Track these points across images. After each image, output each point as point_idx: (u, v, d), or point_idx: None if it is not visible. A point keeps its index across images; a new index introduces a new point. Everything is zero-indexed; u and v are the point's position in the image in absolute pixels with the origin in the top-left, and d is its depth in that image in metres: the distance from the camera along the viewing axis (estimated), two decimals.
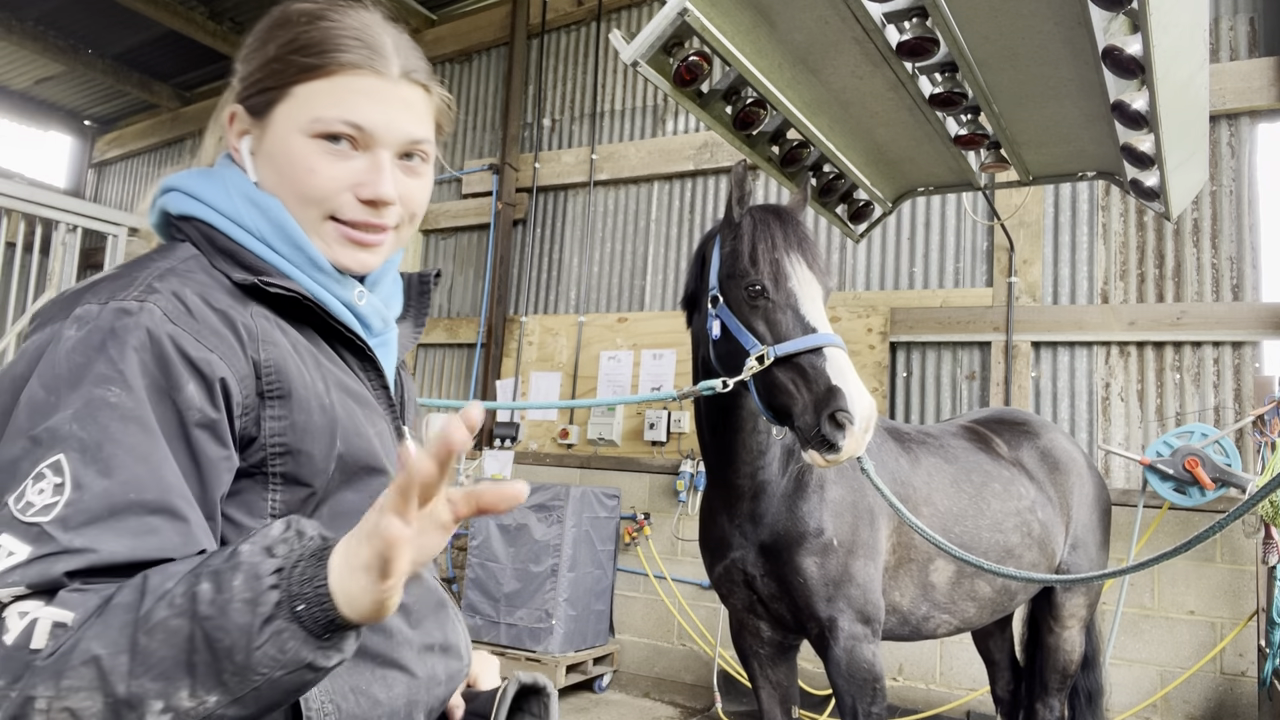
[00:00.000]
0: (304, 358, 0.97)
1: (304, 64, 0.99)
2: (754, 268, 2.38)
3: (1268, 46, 4.84)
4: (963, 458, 3.13)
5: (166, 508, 0.81)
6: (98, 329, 0.85)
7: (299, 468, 0.94)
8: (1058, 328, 5.09)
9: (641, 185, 6.73)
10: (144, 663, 0.70)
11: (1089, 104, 2.68)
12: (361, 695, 0.93)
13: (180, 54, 9.04)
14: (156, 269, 0.93)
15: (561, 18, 7.21)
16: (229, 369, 0.89)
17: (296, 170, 0.98)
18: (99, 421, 0.81)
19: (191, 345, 0.87)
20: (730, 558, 2.67)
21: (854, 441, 2.16)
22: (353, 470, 0.98)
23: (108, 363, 0.84)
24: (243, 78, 1.04)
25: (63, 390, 0.82)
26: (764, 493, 2.60)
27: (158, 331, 0.86)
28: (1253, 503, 1.81)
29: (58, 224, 5.16)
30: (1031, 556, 3.13)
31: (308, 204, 1.00)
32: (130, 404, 0.83)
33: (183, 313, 0.89)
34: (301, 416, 0.94)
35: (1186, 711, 4.51)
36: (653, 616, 5.93)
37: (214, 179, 1.03)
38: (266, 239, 1.00)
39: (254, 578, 0.72)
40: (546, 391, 6.69)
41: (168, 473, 0.83)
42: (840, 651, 2.55)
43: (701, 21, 2.22)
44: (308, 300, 0.99)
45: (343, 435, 0.97)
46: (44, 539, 0.76)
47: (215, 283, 0.95)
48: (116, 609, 0.73)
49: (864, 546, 2.64)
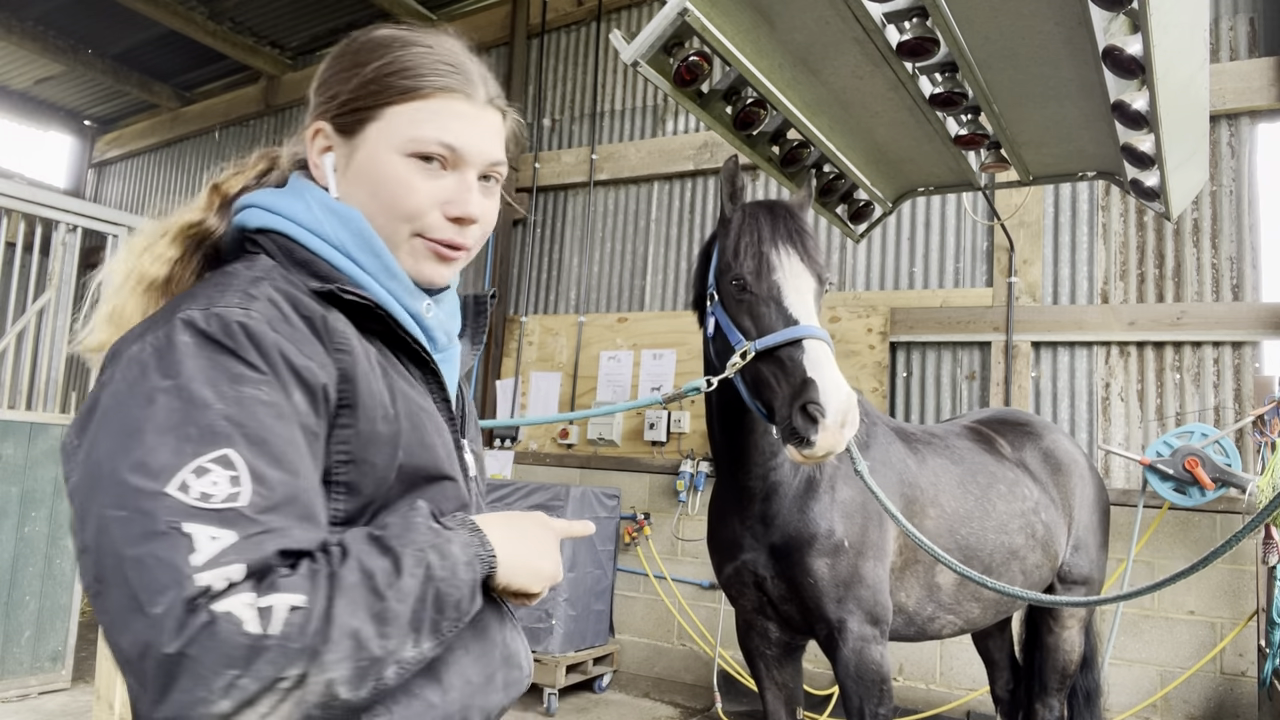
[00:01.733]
0: (373, 367, 1.00)
1: (401, 86, 1.04)
2: (736, 261, 2.35)
3: (1268, 46, 4.84)
4: (968, 458, 3.12)
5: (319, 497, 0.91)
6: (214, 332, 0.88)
7: (361, 476, 0.96)
8: (1058, 328, 5.09)
9: (641, 185, 6.73)
10: (393, 625, 0.84)
11: (1089, 104, 2.68)
12: (415, 699, 0.94)
13: (180, 54, 9.04)
14: (245, 278, 0.96)
15: (561, 18, 7.21)
16: (328, 379, 0.94)
17: (392, 187, 1.03)
18: (258, 417, 0.86)
19: (294, 353, 0.91)
20: (741, 559, 2.64)
21: (828, 436, 2.09)
22: (414, 479, 1.01)
23: (242, 364, 0.88)
24: (330, 97, 1.08)
25: (200, 389, 0.85)
26: (775, 494, 2.58)
27: (269, 338, 0.90)
28: (1258, 522, 1.81)
29: (58, 224, 5.15)
30: (1036, 558, 3.13)
31: (399, 219, 1.04)
32: (280, 400, 0.88)
33: (281, 319, 0.93)
34: (366, 426, 0.96)
35: (1186, 711, 4.51)
36: (653, 616, 5.93)
37: (292, 194, 1.08)
38: (346, 248, 1.04)
39: (465, 545, 0.94)
40: (546, 392, 6.69)
41: (311, 466, 0.91)
42: (849, 653, 2.54)
43: (701, 21, 2.22)
44: (379, 310, 1.02)
45: (405, 446, 1.00)
46: (243, 522, 0.81)
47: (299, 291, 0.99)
48: (351, 586, 0.83)
49: (873, 547, 2.62)
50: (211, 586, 0.77)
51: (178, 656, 0.75)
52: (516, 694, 1.10)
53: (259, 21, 8.46)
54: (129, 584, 0.78)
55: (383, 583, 0.85)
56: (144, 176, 10.53)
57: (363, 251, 1.04)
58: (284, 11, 8.25)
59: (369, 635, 0.82)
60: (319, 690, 0.79)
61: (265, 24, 8.51)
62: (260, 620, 0.77)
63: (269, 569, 0.81)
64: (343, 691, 0.81)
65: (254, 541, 0.80)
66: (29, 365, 5.05)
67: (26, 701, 4.76)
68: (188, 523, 0.79)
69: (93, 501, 0.82)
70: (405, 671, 0.87)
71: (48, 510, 4.94)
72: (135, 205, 10.41)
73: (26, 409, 4.99)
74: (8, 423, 4.81)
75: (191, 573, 0.77)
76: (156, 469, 0.81)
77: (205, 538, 0.79)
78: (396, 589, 0.85)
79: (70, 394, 5.24)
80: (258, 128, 9.37)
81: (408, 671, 0.88)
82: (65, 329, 5.20)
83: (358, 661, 0.82)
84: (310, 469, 0.90)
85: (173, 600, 0.76)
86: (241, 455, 0.83)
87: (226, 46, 8.30)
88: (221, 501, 0.81)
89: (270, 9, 8.21)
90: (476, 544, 0.95)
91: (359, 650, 0.81)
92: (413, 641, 0.86)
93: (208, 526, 0.79)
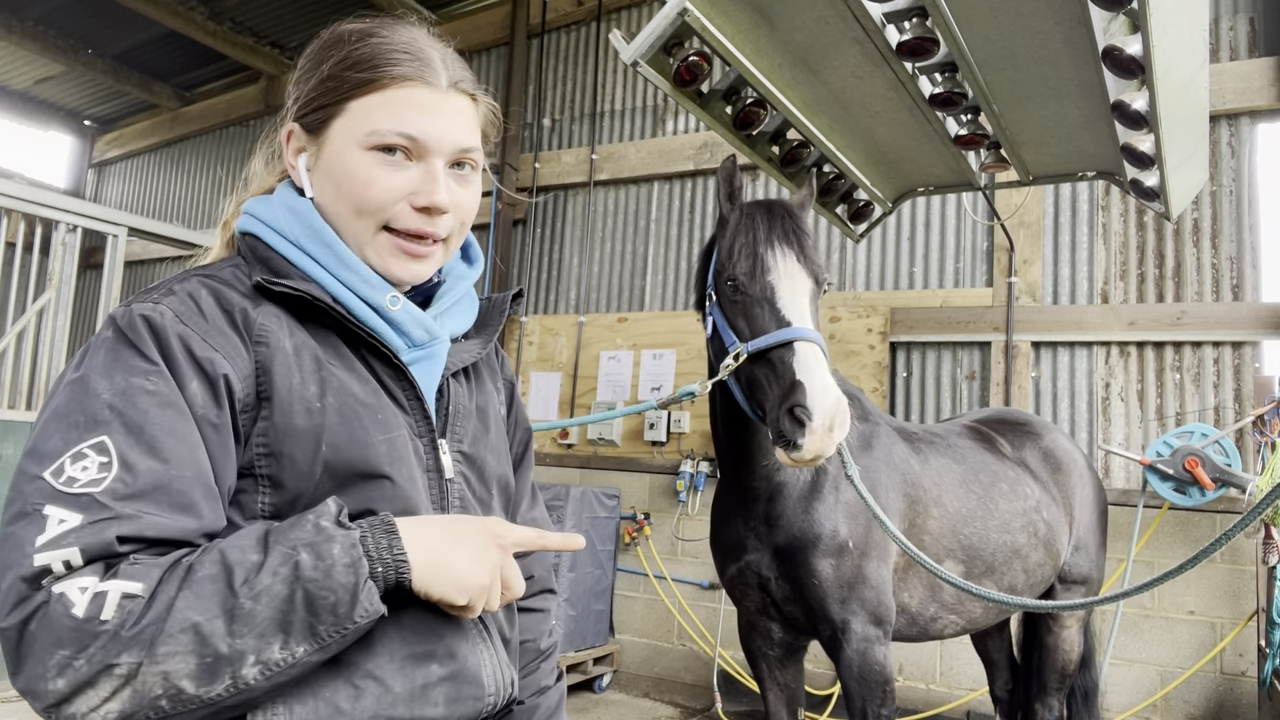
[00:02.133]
0: (303, 360, 0.98)
1: (357, 79, 1.03)
2: (730, 262, 2.34)
3: (1268, 46, 4.84)
4: (970, 458, 3.11)
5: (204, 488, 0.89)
6: (122, 328, 0.92)
7: (281, 470, 0.96)
8: (1058, 328, 5.09)
9: (641, 185, 6.73)
10: (245, 623, 0.82)
11: (1089, 104, 2.68)
12: (322, 701, 0.91)
13: (180, 54, 9.04)
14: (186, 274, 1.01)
15: (561, 18, 7.21)
16: (231, 367, 0.94)
17: (354, 182, 1.02)
18: (139, 406, 0.88)
19: (198, 344, 0.93)
20: (745, 560, 2.63)
21: (815, 440, 2.06)
22: (345, 476, 0.98)
23: (138, 355, 0.91)
24: (297, 98, 1.09)
25: (96, 379, 0.89)
26: (779, 495, 2.56)
27: (172, 331, 0.92)
28: (1253, 516, 1.80)
29: (58, 224, 5.15)
30: (1038, 556, 3.12)
31: (364, 215, 1.03)
32: (166, 390, 0.90)
33: (193, 312, 0.95)
34: (282, 419, 0.96)
35: (1186, 711, 4.51)
36: (653, 616, 5.93)
37: (271, 198, 1.10)
38: (300, 241, 1.04)
39: (350, 545, 0.87)
40: (547, 392, 6.69)
41: (201, 456, 0.90)
42: (853, 654, 2.53)
43: (701, 21, 2.22)
44: (318, 301, 1.00)
45: (330, 441, 0.97)
46: (94, 507, 0.83)
47: (237, 284, 1.01)
48: (204, 580, 0.82)
49: (876, 548, 2.61)
50: (50, 567, 0.80)
51: (17, 631, 0.80)
52: (469, 713, 1.02)
53: (259, 21, 8.45)
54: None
55: (239, 579, 0.83)
56: (144, 176, 10.53)
57: (314, 243, 1.04)
58: (284, 11, 8.25)
59: (214, 631, 0.81)
60: (156, 681, 0.79)
61: (265, 24, 8.51)
62: (90, 605, 0.79)
63: (116, 556, 0.82)
64: (188, 686, 0.80)
65: (96, 527, 0.82)
66: (29, 365, 5.05)
67: (27, 701, 4.75)
68: (48, 505, 0.82)
69: None
70: (275, 673, 0.84)
71: None
72: (135, 205, 10.41)
73: (27, 409, 4.99)
74: (8, 423, 4.81)
75: (32, 552, 0.80)
76: (43, 454, 0.85)
77: (55, 520, 0.82)
78: (250, 585, 0.82)
79: None
80: (258, 128, 9.36)
81: (280, 673, 0.84)
82: (65, 329, 5.20)
83: (202, 657, 0.80)
84: (194, 459, 0.89)
85: (13, 577, 0.80)
86: (115, 442, 0.85)
87: (226, 46, 8.30)
88: (82, 486, 0.83)
89: (270, 9, 8.20)
90: (379, 546, 0.90)
91: (201, 645, 0.80)
92: (280, 643, 0.83)
93: (61, 509, 0.82)
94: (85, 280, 8.60)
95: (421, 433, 1.07)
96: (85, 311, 8.93)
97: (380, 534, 0.91)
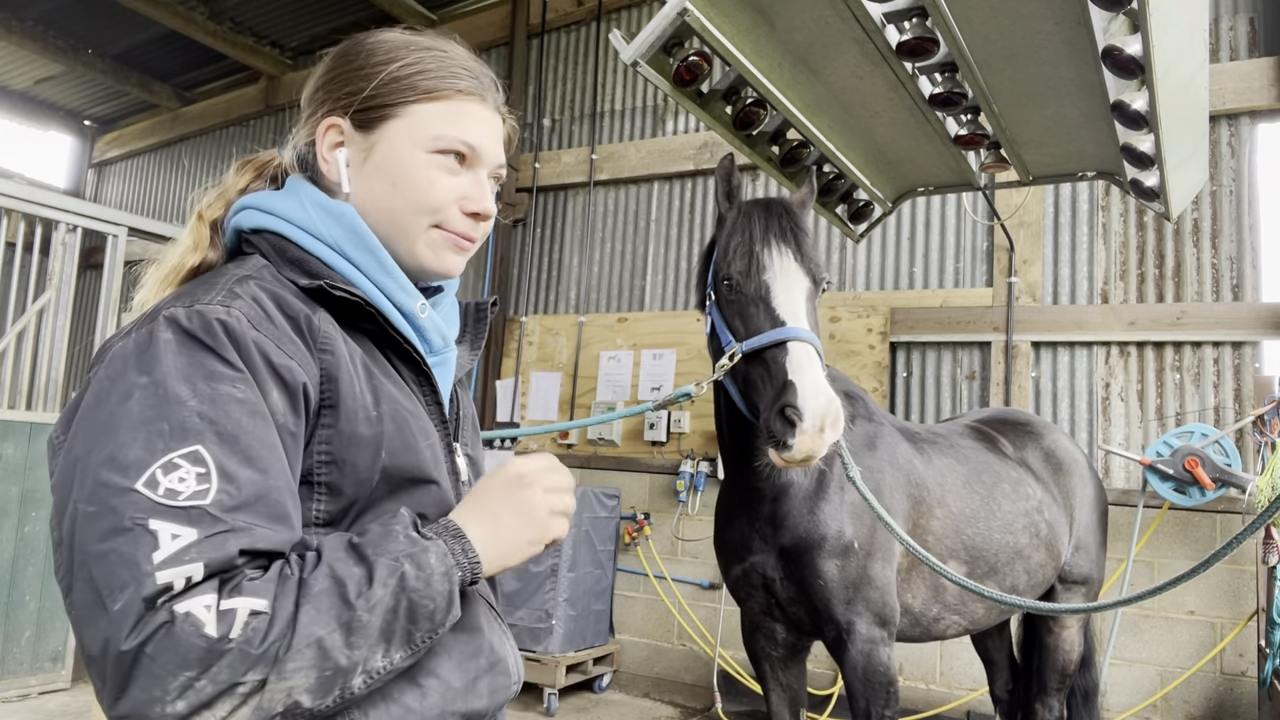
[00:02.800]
0: (357, 367, 1.00)
1: (426, 86, 1.08)
2: (726, 261, 2.33)
3: (1268, 46, 4.84)
4: (973, 458, 3.11)
5: (292, 498, 0.90)
6: (192, 331, 0.88)
7: (342, 477, 0.96)
8: (1058, 328, 5.09)
9: (641, 185, 6.73)
10: (361, 635, 0.83)
11: (1089, 104, 2.68)
12: (392, 703, 0.94)
13: (180, 54, 9.04)
14: (232, 276, 0.97)
15: (561, 18, 7.21)
16: (309, 379, 0.94)
17: (415, 182, 1.06)
18: (231, 415, 0.85)
19: (275, 352, 0.92)
20: (750, 562, 2.62)
21: (806, 440, 2.05)
22: (398, 482, 1.00)
23: (219, 361, 0.88)
24: (350, 92, 1.08)
25: (175, 384, 0.85)
26: (785, 495, 2.55)
27: (248, 336, 0.90)
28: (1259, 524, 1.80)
29: (58, 224, 5.15)
30: (1040, 557, 3.12)
31: (421, 213, 1.07)
32: (254, 399, 0.88)
33: (263, 318, 0.93)
34: (348, 426, 0.96)
35: (1186, 711, 4.51)
36: (653, 616, 5.93)
37: (287, 194, 1.08)
38: (339, 245, 1.05)
39: (442, 555, 0.91)
40: (547, 392, 6.69)
41: (287, 466, 0.90)
42: (858, 655, 2.52)
43: (701, 21, 2.22)
44: (369, 307, 1.02)
45: (388, 448, 0.99)
46: (206, 520, 0.80)
47: (286, 289, 0.99)
48: (321, 594, 0.82)
49: (881, 549, 2.60)
50: (172, 584, 0.77)
51: (134, 654, 0.76)
52: (503, 700, 1.08)
53: (259, 21, 8.45)
54: (93, 580, 0.79)
55: (353, 592, 0.83)
56: (144, 176, 10.53)
57: (356, 248, 1.05)
58: (284, 11, 8.25)
59: (335, 644, 0.81)
60: (280, 698, 0.79)
61: (265, 24, 8.51)
62: (219, 623, 0.77)
63: (234, 569, 0.80)
64: (305, 700, 0.81)
65: (216, 540, 0.80)
66: (29, 365, 5.05)
67: (26, 701, 4.76)
68: (153, 519, 0.79)
69: (68, 495, 0.83)
70: (374, 681, 0.86)
71: (48, 510, 4.94)
72: (135, 205, 10.41)
73: (26, 409, 4.99)
74: (8, 423, 4.82)
75: (152, 570, 0.77)
76: (127, 464, 0.81)
77: (168, 535, 0.78)
78: (366, 598, 0.84)
79: (70, 394, 5.24)
80: (258, 128, 9.37)
81: (377, 681, 0.87)
82: (65, 329, 5.20)
83: (322, 671, 0.81)
84: (283, 469, 0.89)
85: (131, 597, 0.76)
86: (211, 452, 0.83)
87: (226, 46, 8.30)
88: (187, 499, 0.80)
89: (270, 9, 8.20)
90: (458, 551, 0.93)
91: (323, 659, 0.81)
92: (383, 652, 0.85)
93: (171, 524, 0.79)
94: (85, 280, 8.59)
95: (442, 437, 1.10)
96: (85, 311, 8.93)
97: (452, 539, 0.94)
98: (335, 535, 0.91)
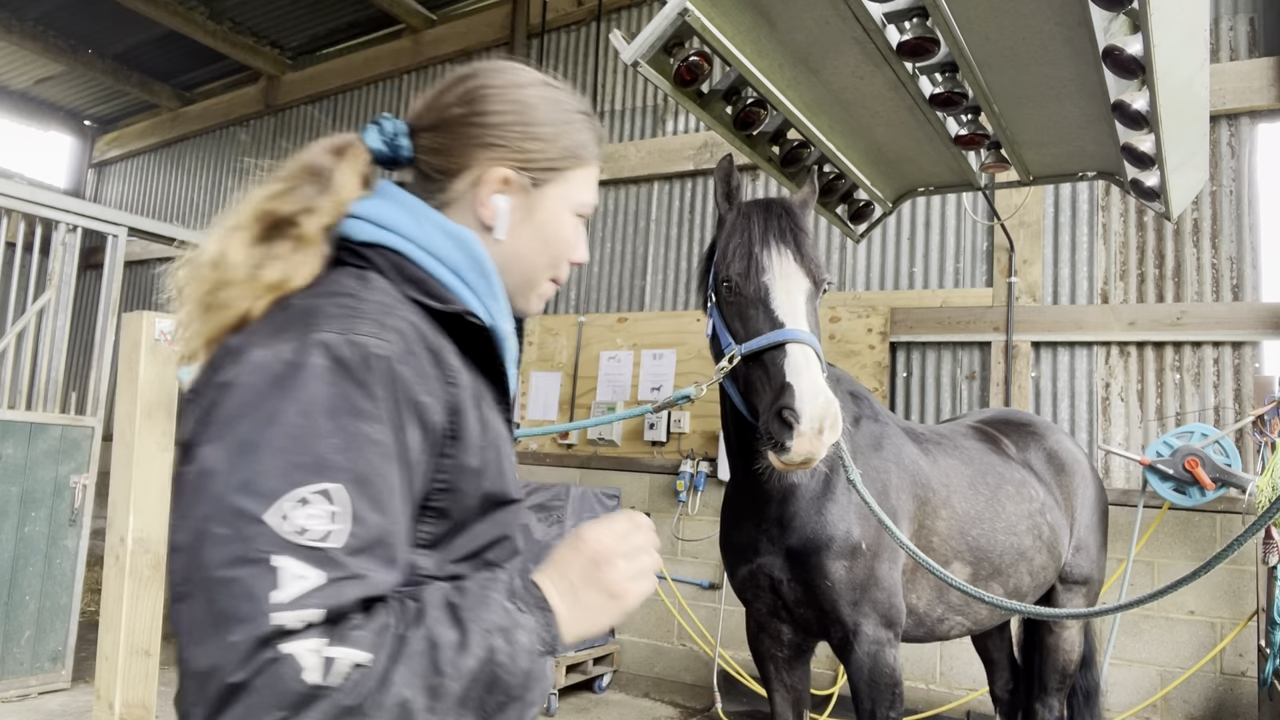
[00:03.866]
0: (472, 398, 1.02)
1: (584, 155, 1.17)
2: (724, 263, 2.32)
3: (1268, 46, 4.84)
4: (977, 459, 3.10)
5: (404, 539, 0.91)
6: (347, 362, 0.89)
7: (454, 504, 0.98)
8: (1058, 328, 5.09)
9: (641, 185, 6.73)
10: (441, 700, 0.84)
11: (1089, 104, 2.68)
12: None
13: (180, 54, 9.04)
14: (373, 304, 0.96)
15: (561, 18, 7.21)
16: (441, 414, 0.96)
17: (562, 243, 1.17)
18: (366, 457, 0.86)
19: (419, 390, 0.93)
20: (756, 563, 2.60)
21: (804, 442, 2.05)
22: (491, 504, 1.03)
23: (366, 398, 0.88)
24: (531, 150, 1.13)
25: (320, 418, 0.85)
26: (792, 496, 2.54)
27: (397, 374, 0.91)
28: (1259, 525, 1.80)
29: (58, 224, 5.15)
30: (1042, 559, 3.12)
31: (553, 267, 1.18)
32: (389, 442, 0.89)
33: (409, 354, 0.94)
34: (465, 457, 0.99)
35: (1186, 711, 4.51)
36: (653, 616, 5.93)
37: (398, 208, 1.08)
38: (460, 269, 1.07)
39: (530, 631, 0.93)
40: (547, 392, 6.69)
41: (404, 506, 0.91)
42: (864, 656, 2.51)
43: (701, 21, 2.22)
44: (490, 335, 1.06)
45: (489, 475, 1.02)
46: (332, 564, 0.81)
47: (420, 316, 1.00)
48: (415, 655, 0.83)
49: (888, 550, 2.59)
50: (288, 626, 0.78)
51: (239, 687, 0.77)
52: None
53: (259, 21, 8.46)
54: (213, 603, 0.79)
55: (445, 659, 0.85)
56: (144, 176, 10.53)
57: (474, 273, 1.08)
58: (284, 11, 8.25)
59: (417, 707, 0.82)
60: None
61: (265, 24, 8.51)
62: (322, 670, 0.78)
63: (345, 616, 0.81)
64: None
65: (338, 587, 0.81)
66: (29, 365, 5.05)
67: (26, 701, 4.76)
68: (279, 555, 0.80)
69: (195, 506, 0.83)
70: None
71: (48, 510, 4.94)
72: (135, 205, 10.41)
73: (26, 409, 4.99)
74: (8, 423, 4.81)
75: (270, 610, 0.78)
76: (261, 492, 0.81)
77: (292, 575, 0.79)
78: (456, 666, 0.85)
79: (70, 394, 5.24)
80: (258, 128, 9.37)
81: None
82: (65, 329, 5.20)
83: None
84: (402, 511, 0.90)
85: (248, 633, 0.78)
86: (346, 492, 0.84)
87: (226, 46, 8.30)
88: (316, 539, 0.81)
89: (270, 9, 8.21)
90: (543, 628, 0.95)
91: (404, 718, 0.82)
92: (455, 715, 0.86)
93: (298, 562, 0.80)
94: (85, 280, 8.59)
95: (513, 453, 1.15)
96: (85, 312, 8.93)
97: (539, 612, 0.95)
98: (436, 589, 0.91)
